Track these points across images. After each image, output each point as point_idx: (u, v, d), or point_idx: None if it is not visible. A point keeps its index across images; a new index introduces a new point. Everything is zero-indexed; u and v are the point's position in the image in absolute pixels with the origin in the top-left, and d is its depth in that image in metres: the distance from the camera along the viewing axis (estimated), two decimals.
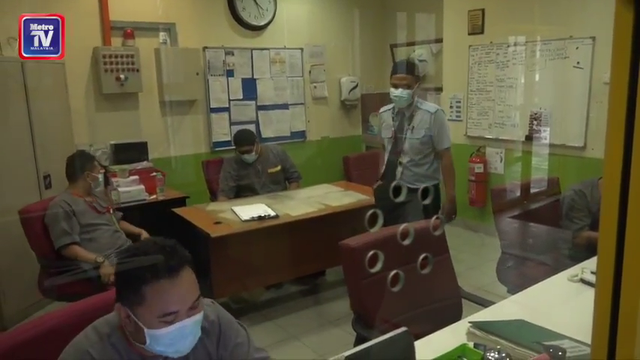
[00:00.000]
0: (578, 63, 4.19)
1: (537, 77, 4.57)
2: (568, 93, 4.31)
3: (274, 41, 5.52)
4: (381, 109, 3.39)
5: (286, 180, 4.19)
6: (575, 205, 2.81)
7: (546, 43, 4.40)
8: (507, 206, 3.11)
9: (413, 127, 3.16)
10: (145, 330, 1.15)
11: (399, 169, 3.20)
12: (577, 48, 4.19)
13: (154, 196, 4.02)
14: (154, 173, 4.17)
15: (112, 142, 4.56)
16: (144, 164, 4.47)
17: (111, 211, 3.25)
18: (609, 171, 0.87)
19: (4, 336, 1.34)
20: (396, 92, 3.11)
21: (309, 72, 5.83)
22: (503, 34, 4.72)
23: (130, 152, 4.56)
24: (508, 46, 4.71)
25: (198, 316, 1.20)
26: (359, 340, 2.05)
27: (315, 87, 5.89)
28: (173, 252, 1.17)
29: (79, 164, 3.10)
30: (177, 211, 3.65)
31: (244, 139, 3.95)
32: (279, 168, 4.10)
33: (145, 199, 3.91)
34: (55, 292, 2.98)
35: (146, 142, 4.70)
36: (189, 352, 1.28)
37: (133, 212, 3.78)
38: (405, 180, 3.18)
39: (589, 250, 2.54)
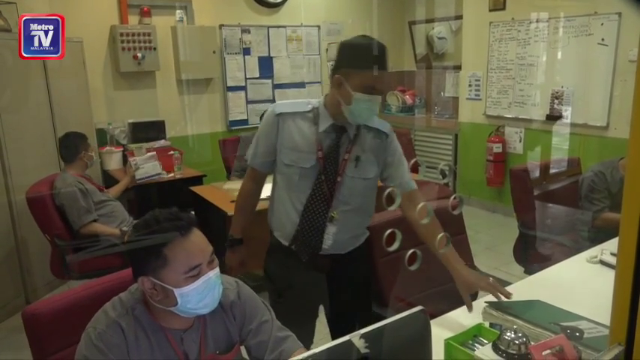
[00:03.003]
0: (602, 40, 4.08)
1: (560, 55, 4.46)
2: (591, 71, 4.20)
3: (291, 19, 5.46)
4: (279, 108, 1.79)
5: None
6: (595, 187, 2.77)
7: (570, 20, 4.28)
8: (526, 186, 3.06)
9: (358, 157, 1.76)
10: (175, 290, 1.19)
11: (331, 228, 1.77)
12: (602, 24, 4.07)
13: (172, 175, 4.06)
14: (172, 152, 4.21)
15: (130, 121, 4.59)
16: (161, 143, 4.50)
17: (104, 190, 3.31)
18: (634, 151, 0.84)
19: (49, 300, 1.41)
20: (365, 102, 1.66)
21: (326, 50, 5.77)
22: (526, 11, 4.59)
23: (147, 131, 4.59)
24: (530, 23, 4.59)
25: (217, 269, 1.27)
26: (375, 319, 2.06)
27: (331, 65, 5.84)
28: (179, 215, 1.24)
29: (74, 145, 3.13)
30: (195, 189, 3.68)
31: None
32: None
33: (159, 173, 3.93)
34: (77, 271, 3.03)
35: (163, 121, 4.73)
36: (207, 327, 1.31)
37: (151, 190, 3.83)
38: (335, 246, 1.80)
39: (608, 231, 2.51)
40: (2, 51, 3.09)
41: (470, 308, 1.63)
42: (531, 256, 2.95)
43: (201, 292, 1.21)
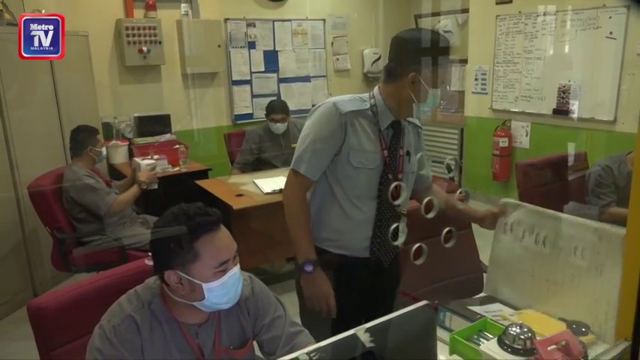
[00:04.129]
0: (610, 33, 4.04)
1: (567, 48, 4.42)
2: (599, 65, 4.16)
3: (296, 12, 5.44)
4: (343, 106, 1.65)
5: None
6: (602, 182, 2.76)
7: (577, 13, 4.24)
8: (532, 181, 3.05)
9: (408, 151, 1.77)
10: (203, 285, 1.20)
11: (402, 224, 1.73)
12: (610, 17, 4.03)
13: (177, 168, 4.07)
14: (177, 146, 4.22)
15: (136, 115, 4.60)
16: (167, 137, 4.51)
17: (112, 185, 3.33)
18: None
19: (54, 294, 1.42)
20: (437, 97, 1.65)
21: (332, 44, 5.75)
22: (533, 4, 4.56)
23: (153, 125, 4.60)
24: (537, 16, 4.56)
25: (238, 264, 1.28)
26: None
27: (337, 59, 5.82)
28: (208, 210, 1.24)
29: (82, 139, 3.13)
30: (200, 183, 3.69)
31: (279, 108, 3.92)
32: None
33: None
34: (77, 264, 3.06)
35: (169, 115, 4.73)
36: (222, 322, 1.32)
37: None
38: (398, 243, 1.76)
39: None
40: (8, 45, 3.10)
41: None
42: None
43: (227, 287, 1.23)
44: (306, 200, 1.73)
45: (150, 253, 1.30)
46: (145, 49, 4.46)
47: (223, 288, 1.22)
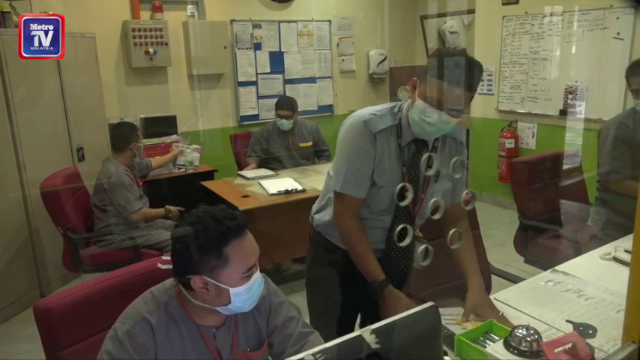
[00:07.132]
0: (618, 34, 4.02)
1: (574, 49, 4.40)
2: (606, 65, 4.14)
3: (302, 13, 5.45)
4: (373, 125, 1.58)
5: (316, 156, 4.21)
6: (617, 144, 2.52)
7: (585, 13, 4.22)
8: (527, 177, 3.02)
9: (438, 171, 1.65)
10: (230, 290, 1.19)
11: (420, 249, 1.67)
12: (617, 18, 4.01)
13: (183, 170, 4.08)
14: None
15: (142, 116, 4.62)
16: (173, 138, 4.52)
17: (140, 185, 3.36)
18: None
19: (64, 293, 1.42)
20: (424, 113, 1.51)
21: (337, 45, 5.75)
22: (539, 4, 4.54)
23: (159, 126, 4.62)
24: (544, 17, 4.54)
25: (258, 267, 1.27)
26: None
27: (342, 60, 5.82)
28: (234, 214, 1.22)
29: (126, 135, 3.22)
30: (206, 184, 3.71)
31: (287, 104, 3.98)
32: (310, 144, 4.13)
33: (196, 165, 4.20)
34: (89, 264, 3.09)
35: (175, 116, 4.75)
36: (239, 324, 1.31)
37: (163, 185, 3.86)
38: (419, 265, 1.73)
39: (621, 196, 2.44)
40: (16, 47, 3.12)
41: (465, 318, 1.56)
42: (530, 245, 2.95)
43: (252, 290, 1.23)
44: (359, 220, 1.64)
45: (163, 254, 1.29)
46: (151, 50, 4.48)
47: (248, 292, 1.22)
